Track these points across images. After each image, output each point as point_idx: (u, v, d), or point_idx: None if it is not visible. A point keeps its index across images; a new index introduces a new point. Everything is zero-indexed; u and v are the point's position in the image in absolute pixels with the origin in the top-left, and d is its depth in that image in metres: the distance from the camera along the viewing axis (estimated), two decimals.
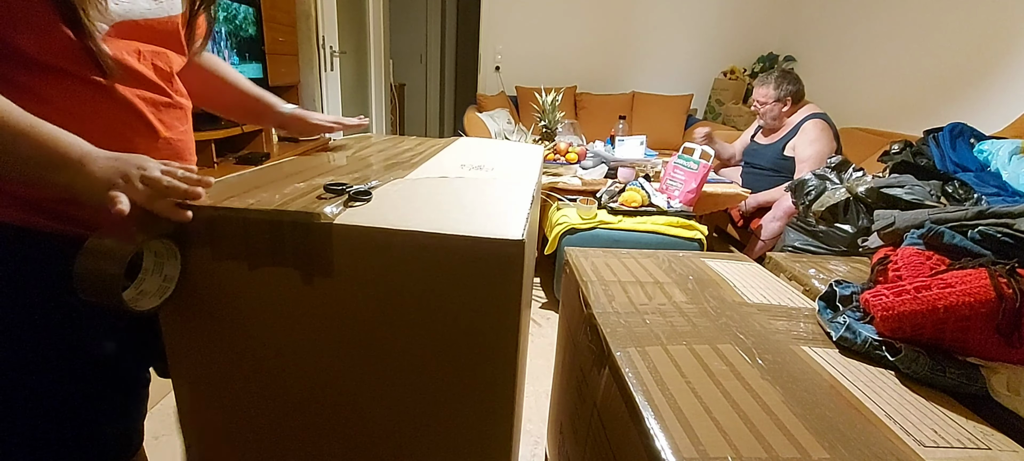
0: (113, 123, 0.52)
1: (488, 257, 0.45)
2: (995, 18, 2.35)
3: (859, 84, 3.13)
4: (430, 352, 0.50)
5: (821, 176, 1.61)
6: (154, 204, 0.45)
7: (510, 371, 0.51)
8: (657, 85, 3.94)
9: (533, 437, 1.24)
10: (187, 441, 0.59)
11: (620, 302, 0.69)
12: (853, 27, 3.21)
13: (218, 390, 0.56)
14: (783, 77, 2.21)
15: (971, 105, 2.43)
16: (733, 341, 0.60)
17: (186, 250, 0.48)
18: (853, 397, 0.50)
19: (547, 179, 2.04)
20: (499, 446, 0.55)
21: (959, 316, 0.53)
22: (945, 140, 1.50)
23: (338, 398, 0.54)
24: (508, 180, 0.67)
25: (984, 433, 0.47)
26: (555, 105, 2.41)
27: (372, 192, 0.54)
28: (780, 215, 1.99)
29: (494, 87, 4.01)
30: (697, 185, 1.88)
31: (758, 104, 2.26)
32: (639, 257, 0.87)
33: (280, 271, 0.48)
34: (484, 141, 1.07)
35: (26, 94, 0.45)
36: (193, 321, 0.52)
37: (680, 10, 3.92)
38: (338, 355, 0.52)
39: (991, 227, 0.66)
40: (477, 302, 0.47)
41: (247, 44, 2.37)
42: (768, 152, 2.26)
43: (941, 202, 1.14)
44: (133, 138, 0.54)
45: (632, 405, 0.48)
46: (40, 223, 0.51)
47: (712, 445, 0.42)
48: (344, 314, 0.49)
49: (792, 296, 0.76)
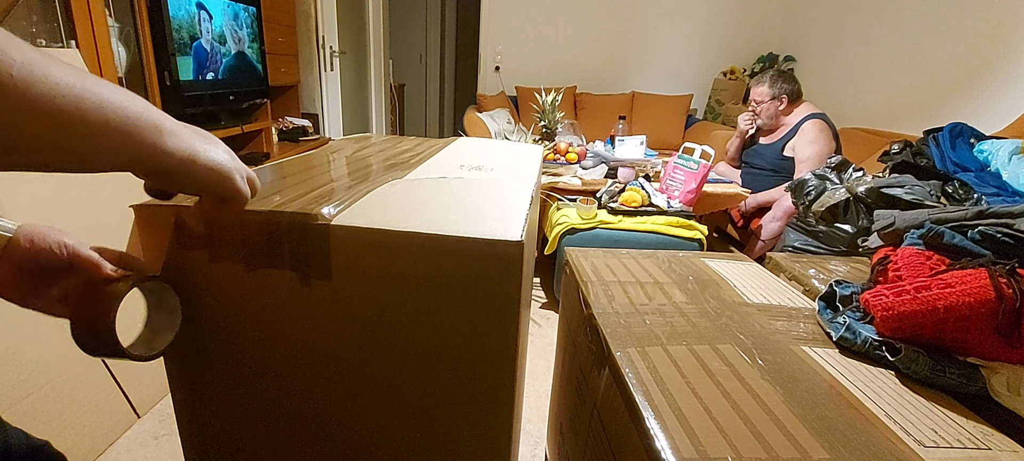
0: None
1: (487, 257, 0.45)
2: (995, 18, 2.34)
3: (859, 84, 3.13)
4: (429, 353, 0.50)
5: (821, 176, 1.60)
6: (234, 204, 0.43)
7: (510, 371, 0.50)
8: (657, 85, 3.94)
9: (533, 437, 1.23)
10: (185, 443, 0.59)
11: (620, 302, 0.68)
12: (853, 27, 3.21)
13: (216, 392, 0.55)
14: (778, 75, 2.22)
15: (971, 105, 2.43)
16: (733, 341, 0.59)
17: (182, 252, 0.48)
18: (853, 397, 0.50)
19: (547, 179, 2.04)
20: (499, 446, 0.54)
21: (959, 316, 0.53)
22: (945, 140, 1.50)
23: (336, 399, 0.54)
24: (508, 180, 0.67)
25: (984, 433, 0.46)
26: (555, 105, 2.41)
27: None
28: (780, 215, 1.99)
29: (494, 87, 4.01)
30: (697, 185, 1.88)
31: (755, 103, 2.26)
32: (639, 257, 0.87)
33: (277, 273, 0.48)
34: (484, 141, 1.07)
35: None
36: (190, 324, 0.52)
37: (680, 10, 3.92)
38: (336, 356, 0.51)
39: (991, 227, 0.66)
40: (476, 303, 0.47)
41: (247, 44, 2.37)
42: (767, 152, 2.26)
43: (941, 202, 1.14)
44: None
45: (632, 405, 0.48)
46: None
47: (712, 445, 0.42)
48: (342, 315, 0.49)
49: (792, 296, 0.76)
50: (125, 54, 1.81)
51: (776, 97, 2.19)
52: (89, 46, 1.55)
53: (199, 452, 0.60)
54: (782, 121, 2.23)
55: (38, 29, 1.48)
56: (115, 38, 1.74)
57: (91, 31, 1.56)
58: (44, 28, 1.49)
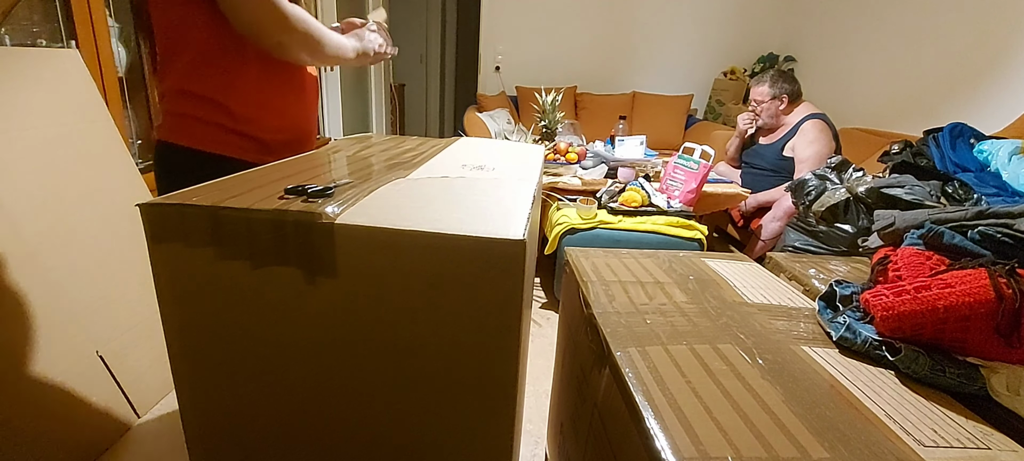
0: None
1: (489, 257, 0.45)
2: (995, 18, 2.35)
3: (859, 84, 3.13)
4: (431, 352, 0.50)
5: (821, 176, 1.61)
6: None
7: (511, 370, 0.51)
8: (657, 85, 3.94)
9: (533, 437, 1.24)
10: (190, 440, 0.59)
11: (620, 302, 0.69)
12: (853, 27, 3.21)
13: (221, 389, 0.56)
14: (779, 75, 2.22)
15: (971, 105, 2.43)
16: (733, 341, 0.60)
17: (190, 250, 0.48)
18: (853, 397, 0.50)
19: (547, 179, 2.05)
20: (500, 446, 0.55)
21: (959, 316, 0.54)
22: (945, 140, 1.50)
23: (340, 397, 0.54)
24: (509, 180, 0.67)
25: (984, 433, 0.47)
26: (555, 105, 2.41)
27: (334, 191, 0.54)
28: (780, 215, 1.99)
29: (494, 87, 4.01)
30: (697, 185, 1.88)
31: (755, 102, 2.27)
32: (639, 257, 0.87)
33: (283, 270, 0.48)
34: (485, 141, 1.07)
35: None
36: (195, 321, 0.52)
37: (680, 10, 3.92)
38: (340, 354, 0.52)
39: (991, 227, 0.66)
40: (479, 300, 0.47)
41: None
42: (767, 153, 2.26)
43: (941, 202, 1.14)
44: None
45: (632, 405, 0.48)
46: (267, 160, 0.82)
47: (712, 445, 0.42)
48: (346, 313, 0.50)
49: (792, 296, 0.76)
50: (125, 54, 1.81)
51: (776, 97, 2.20)
52: (89, 46, 1.55)
53: (204, 449, 0.60)
54: (782, 121, 2.24)
55: (38, 29, 1.48)
56: (115, 38, 1.74)
57: (91, 31, 1.56)
58: (44, 28, 1.49)
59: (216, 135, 0.83)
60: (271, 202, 0.49)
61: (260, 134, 0.87)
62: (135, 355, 1.20)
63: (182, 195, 0.50)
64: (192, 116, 0.82)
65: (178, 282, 0.51)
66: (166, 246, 0.49)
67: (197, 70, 0.81)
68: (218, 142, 0.83)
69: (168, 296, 0.52)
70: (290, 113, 0.92)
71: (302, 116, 0.96)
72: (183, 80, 0.81)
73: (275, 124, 0.89)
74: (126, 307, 1.19)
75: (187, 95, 0.82)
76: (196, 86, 0.81)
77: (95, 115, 1.20)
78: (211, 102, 0.81)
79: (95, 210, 1.15)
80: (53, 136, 1.09)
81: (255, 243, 0.47)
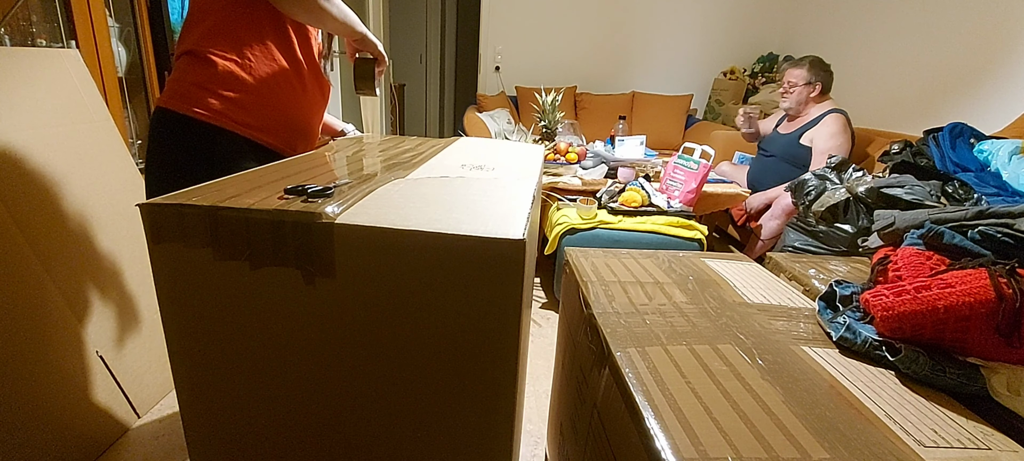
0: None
1: (489, 257, 0.45)
2: (995, 18, 2.35)
3: (859, 84, 3.13)
4: (431, 352, 0.50)
5: (821, 176, 1.61)
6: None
7: (511, 371, 0.51)
8: (657, 85, 3.94)
9: (533, 437, 1.24)
10: (189, 441, 0.59)
11: (620, 302, 0.69)
12: (853, 27, 3.21)
13: (220, 390, 0.56)
14: (817, 63, 2.21)
15: (971, 105, 2.43)
16: (733, 341, 0.60)
17: (189, 251, 0.48)
18: (853, 397, 0.50)
19: (547, 179, 2.05)
20: (500, 446, 0.55)
21: (959, 316, 0.54)
22: (945, 140, 1.50)
23: (339, 397, 0.54)
24: (509, 180, 0.67)
25: (984, 433, 0.47)
26: (555, 105, 2.41)
27: (333, 191, 0.54)
28: (778, 213, 1.98)
29: (494, 87, 4.01)
30: (697, 185, 1.88)
31: (787, 84, 2.25)
32: (639, 257, 0.87)
33: (282, 271, 0.48)
34: (484, 141, 1.07)
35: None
36: (195, 321, 0.52)
37: (680, 10, 3.92)
38: (339, 354, 0.52)
39: (991, 227, 0.66)
40: (478, 302, 0.47)
41: None
42: (782, 140, 2.24)
43: (941, 202, 1.14)
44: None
45: (632, 405, 0.48)
46: (299, 148, 0.97)
47: (712, 445, 0.42)
48: (345, 313, 0.49)
49: (792, 296, 0.76)
50: (125, 54, 1.81)
51: (810, 83, 2.19)
52: (89, 46, 1.55)
53: (204, 449, 0.60)
54: (807, 110, 2.23)
55: (38, 29, 1.48)
56: (115, 38, 1.74)
57: (91, 31, 1.56)
58: (44, 28, 1.49)
59: (211, 103, 0.82)
60: (270, 202, 0.49)
61: (259, 111, 0.86)
62: (135, 355, 1.20)
63: (181, 195, 0.50)
64: (192, 81, 0.82)
65: (178, 282, 0.51)
66: (166, 246, 0.49)
67: (212, 34, 0.82)
68: (213, 111, 0.83)
69: (168, 296, 0.51)
70: (294, 101, 0.92)
71: (305, 107, 0.96)
72: (196, 43, 0.82)
73: (276, 105, 0.89)
74: (126, 307, 1.19)
75: (195, 57, 0.82)
76: (206, 48, 0.82)
77: (95, 115, 1.20)
78: (215, 67, 0.81)
79: (95, 210, 1.15)
80: (53, 136, 1.09)
81: (254, 243, 0.47)
